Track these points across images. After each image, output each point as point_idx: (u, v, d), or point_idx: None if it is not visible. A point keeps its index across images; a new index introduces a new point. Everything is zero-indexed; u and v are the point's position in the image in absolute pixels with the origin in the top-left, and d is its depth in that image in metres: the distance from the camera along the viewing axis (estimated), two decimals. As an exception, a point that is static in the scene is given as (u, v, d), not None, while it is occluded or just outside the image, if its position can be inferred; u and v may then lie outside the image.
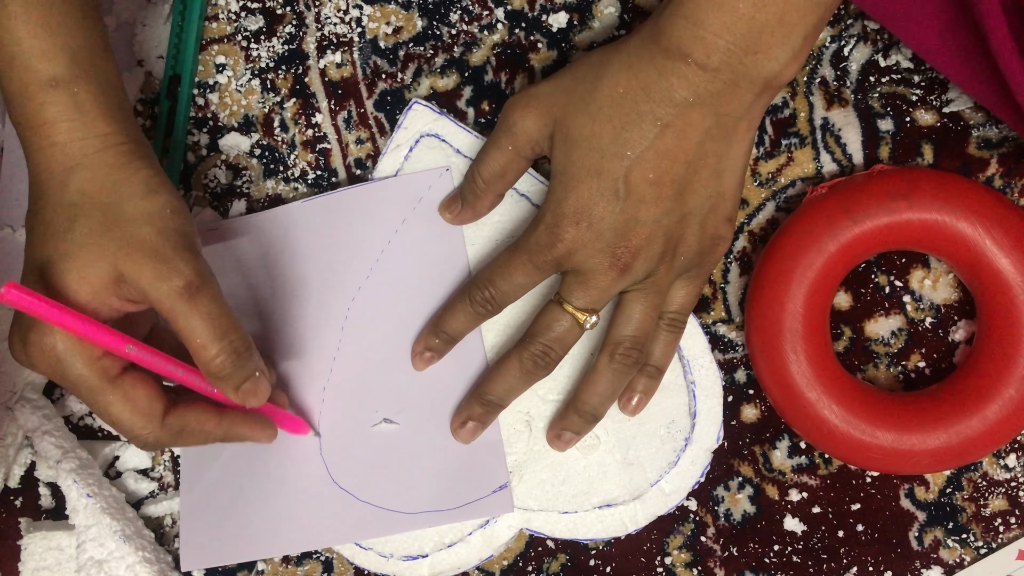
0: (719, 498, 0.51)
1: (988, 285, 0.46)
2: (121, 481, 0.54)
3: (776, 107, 0.51)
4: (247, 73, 0.54)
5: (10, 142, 0.54)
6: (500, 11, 0.52)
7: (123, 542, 0.50)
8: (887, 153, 0.50)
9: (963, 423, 0.46)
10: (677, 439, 0.50)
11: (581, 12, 0.52)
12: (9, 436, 0.52)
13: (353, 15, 0.53)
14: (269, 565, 0.53)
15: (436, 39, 0.53)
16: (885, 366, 0.50)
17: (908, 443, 0.46)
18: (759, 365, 0.48)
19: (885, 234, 0.46)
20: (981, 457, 0.47)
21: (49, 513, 0.54)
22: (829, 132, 0.50)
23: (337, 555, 0.52)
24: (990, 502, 0.49)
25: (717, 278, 0.51)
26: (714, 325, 0.51)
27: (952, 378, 0.47)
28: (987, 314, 0.47)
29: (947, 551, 0.49)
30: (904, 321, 0.50)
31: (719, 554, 0.51)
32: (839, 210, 0.46)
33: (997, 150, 0.49)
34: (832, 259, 0.47)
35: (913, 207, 0.46)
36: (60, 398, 0.54)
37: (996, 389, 0.46)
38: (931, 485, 0.50)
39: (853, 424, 0.46)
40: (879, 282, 0.50)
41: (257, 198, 0.53)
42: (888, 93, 0.50)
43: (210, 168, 0.54)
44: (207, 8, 0.54)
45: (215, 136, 0.54)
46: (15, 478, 0.54)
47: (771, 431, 0.51)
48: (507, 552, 0.52)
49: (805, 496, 0.50)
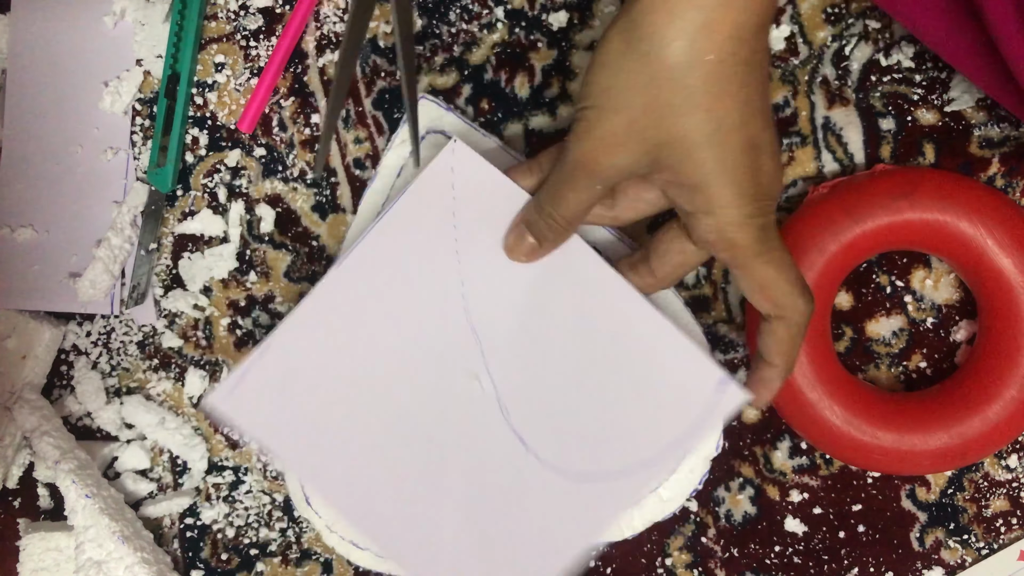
0: (720, 499, 0.51)
1: (989, 285, 0.46)
2: (120, 482, 0.53)
3: (777, 106, 0.50)
4: (246, 72, 0.53)
5: (10, 142, 0.54)
6: (500, 10, 0.52)
7: (122, 543, 0.50)
8: (888, 152, 0.50)
9: (964, 424, 0.46)
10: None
11: (581, 11, 0.52)
12: (7, 437, 0.52)
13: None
14: (268, 566, 0.53)
15: (436, 38, 0.53)
16: (886, 366, 0.50)
17: (909, 444, 0.46)
18: (760, 365, 0.48)
19: (886, 234, 0.46)
20: (982, 458, 0.47)
21: (48, 514, 0.54)
22: (830, 131, 0.50)
23: (337, 557, 0.52)
24: (991, 503, 0.49)
25: (717, 278, 0.51)
26: (714, 325, 0.51)
27: (953, 378, 0.47)
28: (988, 314, 0.46)
29: (948, 552, 0.49)
30: (905, 321, 0.50)
31: (720, 555, 0.50)
32: (840, 210, 0.46)
33: (999, 149, 0.49)
34: (833, 259, 0.46)
35: (914, 207, 0.46)
36: (59, 398, 0.54)
37: (997, 390, 0.45)
38: (932, 486, 0.50)
39: (854, 425, 0.46)
40: (880, 282, 0.50)
41: (256, 198, 0.53)
42: (889, 92, 0.50)
43: (209, 168, 0.54)
44: (206, 7, 0.54)
45: (214, 138, 0.54)
46: (13, 479, 0.54)
47: (772, 432, 0.50)
48: (507, 553, 0.51)
49: (806, 497, 0.50)
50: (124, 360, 0.54)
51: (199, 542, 0.54)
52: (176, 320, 0.54)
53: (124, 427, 0.54)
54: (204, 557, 0.53)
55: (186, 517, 0.54)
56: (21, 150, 0.54)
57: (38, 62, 0.54)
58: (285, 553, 0.53)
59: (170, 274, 0.54)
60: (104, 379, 0.54)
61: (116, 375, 0.54)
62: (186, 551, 0.54)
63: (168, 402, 0.54)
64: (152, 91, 0.54)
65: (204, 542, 0.54)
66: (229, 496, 0.53)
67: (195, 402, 0.54)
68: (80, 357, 0.54)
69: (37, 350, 0.53)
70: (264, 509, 0.53)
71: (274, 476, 0.53)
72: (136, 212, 0.53)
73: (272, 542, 0.53)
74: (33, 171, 0.54)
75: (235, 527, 0.53)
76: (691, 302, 0.51)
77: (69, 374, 0.54)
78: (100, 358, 0.54)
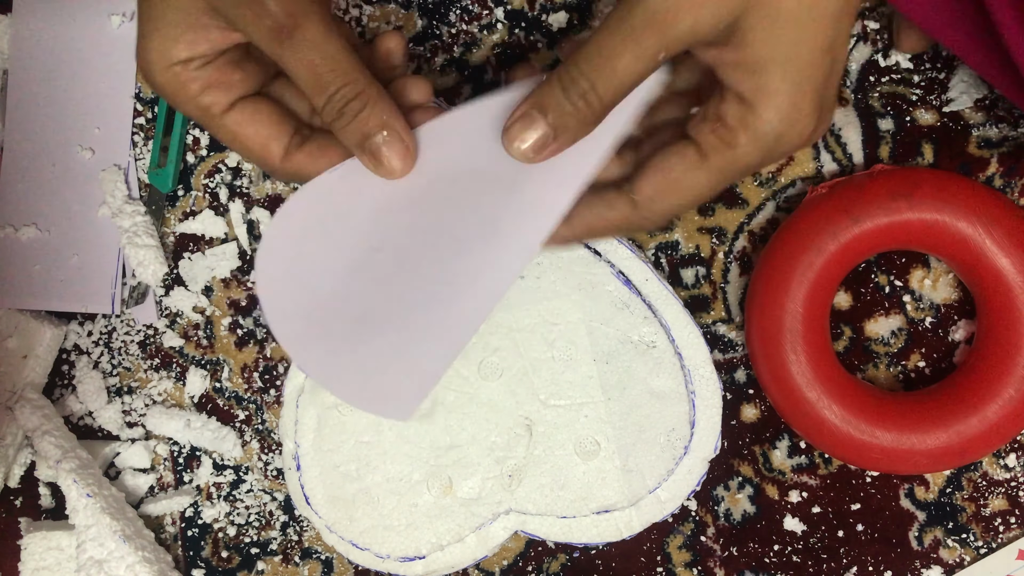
0: (719, 498, 0.51)
1: (988, 285, 0.46)
2: (121, 480, 0.54)
3: (776, 107, 0.51)
4: (247, 73, 0.54)
5: (10, 142, 0.54)
6: (500, 11, 0.52)
7: (123, 542, 0.50)
8: (887, 152, 0.50)
9: (963, 423, 0.46)
10: (677, 447, 0.50)
11: (581, 11, 0.52)
12: (9, 436, 0.52)
13: (353, 14, 0.53)
14: (269, 565, 0.53)
15: (436, 39, 0.53)
16: (885, 366, 0.50)
17: (908, 443, 0.46)
18: (759, 365, 0.48)
19: (885, 234, 0.46)
20: (981, 457, 0.47)
21: (49, 513, 0.54)
22: (829, 131, 0.50)
23: (337, 555, 0.53)
24: (990, 502, 0.49)
25: (717, 278, 0.51)
26: (714, 325, 0.51)
27: (952, 378, 0.47)
28: (987, 314, 0.46)
29: (947, 551, 0.49)
30: (904, 321, 0.50)
31: (719, 554, 0.51)
32: (839, 210, 0.46)
33: (997, 149, 0.49)
34: (832, 259, 0.46)
35: (913, 207, 0.46)
36: (60, 398, 0.54)
37: (996, 389, 0.46)
38: (931, 485, 0.50)
39: (853, 424, 0.46)
40: (879, 282, 0.50)
41: (257, 198, 0.53)
42: (888, 92, 0.50)
43: (209, 168, 0.54)
44: (207, 8, 0.54)
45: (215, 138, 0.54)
46: (15, 478, 0.54)
47: (771, 431, 0.51)
48: (507, 552, 0.52)
49: (805, 496, 0.50)
50: (125, 360, 0.54)
51: (200, 541, 0.54)
52: (177, 320, 0.54)
53: (126, 426, 0.54)
54: (205, 556, 0.54)
55: (187, 516, 0.54)
56: (23, 150, 0.54)
57: (40, 63, 0.54)
58: (286, 552, 0.53)
59: (171, 274, 0.54)
60: (105, 379, 0.54)
61: (117, 374, 0.54)
62: (187, 550, 0.54)
63: (169, 401, 0.54)
64: (153, 91, 0.54)
65: (205, 541, 0.54)
66: (230, 495, 0.54)
67: (196, 402, 0.54)
68: (81, 356, 0.54)
69: (38, 349, 0.53)
70: (265, 508, 0.53)
71: (275, 475, 0.53)
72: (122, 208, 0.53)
73: (273, 541, 0.53)
74: (34, 171, 0.54)
75: (236, 526, 0.53)
76: (691, 302, 0.51)
77: (70, 373, 0.55)
78: (101, 357, 0.54)
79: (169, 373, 0.54)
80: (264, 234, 0.41)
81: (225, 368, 0.54)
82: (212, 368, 0.54)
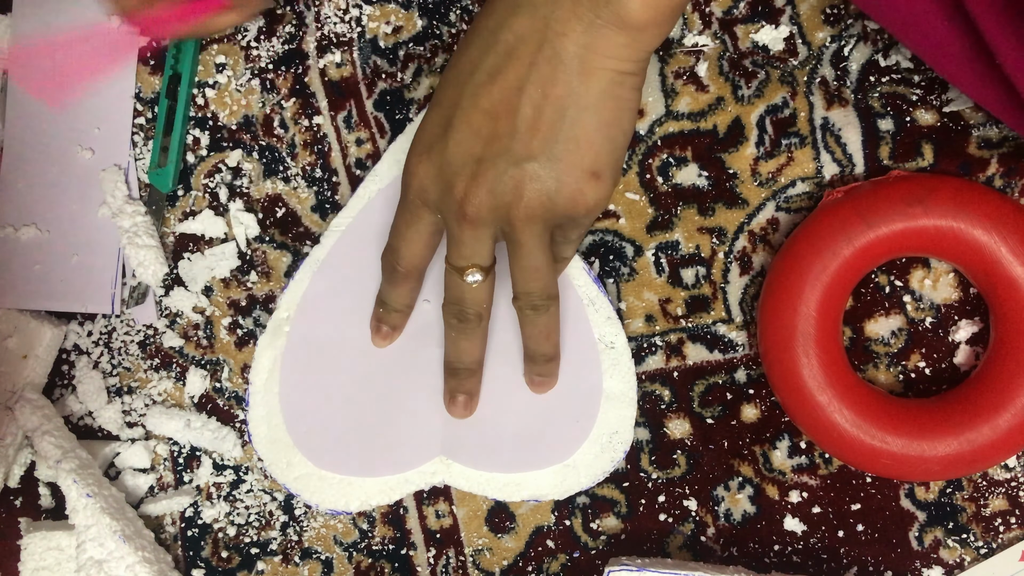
0: (719, 498, 0.51)
1: (1003, 293, 0.46)
2: (120, 480, 0.54)
3: (776, 107, 0.51)
4: (247, 73, 0.54)
5: (10, 142, 0.54)
6: (500, 11, 0.52)
7: (123, 542, 0.50)
8: (887, 153, 0.50)
9: (974, 431, 0.45)
10: (617, 450, 0.50)
11: (581, 12, 0.52)
12: (9, 436, 0.52)
13: (353, 14, 0.53)
14: (269, 565, 0.53)
15: (436, 39, 0.53)
16: (885, 366, 0.50)
17: (918, 450, 0.46)
18: (770, 367, 0.48)
19: (900, 240, 0.46)
20: (991, 466, 0.46)
21: (49, 513, 0.54)
22: (829, 132, 0.50)
23: (337, 555, 0.53)
24: (990, 502, 0.49)
25: (717, 278, 0.51)
26: (714, 325, 0.51)
27: (964, 385, 0.47)
28: (1001, 322, 0.46)
29: (947, 551, 0.49)
30: (904, 321, 0.50)
31: (719, 554, 0.51)
32: (855, 215, 0.46)
33: (997, 150, 0.49)
34: (846, 263, 0.46)
35: (929, 213, 0.46)
36: (60, 398, 0.54)
37: (1009, 398, 0.45)
38: (931, 485, 0.50)
39: (863, 429, 0.46)
40: (879, 282, 0.50)
41: (257, 198, 0.53)
42: (888, 93, 0.50)
43: (210, 168, 0.54)
44: (207, 8, 0.54)
45: (215, 138, 0.54)
46: (15, 478, 0.54)
47: (771, 431, 0.50)
48: (507, 552, 0.52)
49: (805, 496, 0.50)
50: (125, 360, 0.54)
51: (200, 541, 0.54)
52: (177, 320, 0.54)
53: (126, 426, 0.54)
54: (205, 556, 0.54)
55: (187, 516, 0.54)
56: (23, 150, 0.54)
57: (40, 62, 0.54)
58: (286, 552, 0.53)
59: (171, 274, 0.54)
60: (105, 379, 0.54)
61: (117, 374, 0.54)
62: (187, 550, 0.54)
63: (169, 401, 0.54)
64: (153, 91, 0.54)
65: (205, 541, 0.54)
66: (230, 495, 0.54)
67: (196, 402, 0.54)
68: (81, 356, 0.54)
69: (38, 349, 0.53)
70: (265, 508, 0.53)
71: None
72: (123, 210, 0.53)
73: (273, 541, 0.53)
74: (34, 171, 0.54)
75: (236, 526, 0.53)
76: (691, 302, 0.51)
77: (70, 373, 0.55)
78: (101, 358, 0.54)
79: (169, 373, 0.54)
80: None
81: (225, 368, 0.54)
82: (212, 368, 0.54)
